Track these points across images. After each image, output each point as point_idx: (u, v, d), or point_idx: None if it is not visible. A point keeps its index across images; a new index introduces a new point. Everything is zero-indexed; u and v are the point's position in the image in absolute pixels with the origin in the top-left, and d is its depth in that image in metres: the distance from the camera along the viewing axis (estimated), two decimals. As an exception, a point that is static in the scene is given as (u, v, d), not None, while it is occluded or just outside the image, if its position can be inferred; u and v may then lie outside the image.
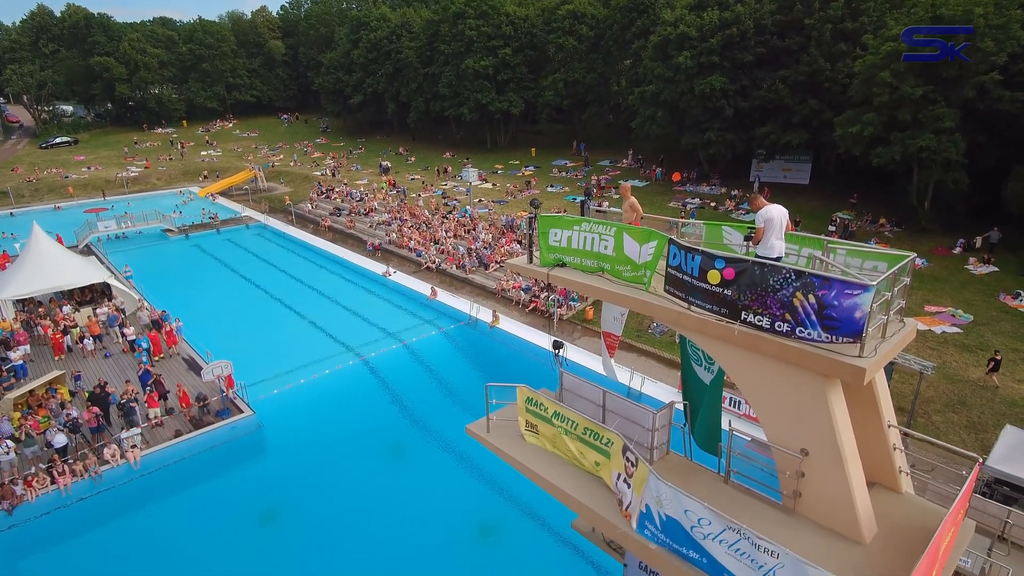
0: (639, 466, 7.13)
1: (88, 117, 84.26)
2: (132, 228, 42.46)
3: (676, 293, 7.95)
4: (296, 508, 18.62)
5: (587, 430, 8.10)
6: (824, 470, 6.96)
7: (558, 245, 9.70)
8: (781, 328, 6.80)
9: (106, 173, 61.33)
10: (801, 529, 7.23)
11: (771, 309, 6.85)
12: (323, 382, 24.03)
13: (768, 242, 7.48)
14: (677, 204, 44.28)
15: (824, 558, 6.57)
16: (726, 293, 7.18)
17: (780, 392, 7.15)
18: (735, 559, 6.16)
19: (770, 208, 7.50)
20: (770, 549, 5.86)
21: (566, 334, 27.01)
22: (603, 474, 7.99)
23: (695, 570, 6.66)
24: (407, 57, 67.29)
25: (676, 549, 6.77)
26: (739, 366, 7.49)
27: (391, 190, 51.91)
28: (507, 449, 8.98)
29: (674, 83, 44.05)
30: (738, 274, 7.06)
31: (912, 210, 36.08)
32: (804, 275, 6.52)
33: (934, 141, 30.68)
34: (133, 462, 18.23)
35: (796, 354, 6.75)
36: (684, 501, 6.52)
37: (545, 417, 8.72)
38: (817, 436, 6.92)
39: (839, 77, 38.57)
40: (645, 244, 8.41)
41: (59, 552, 16.51)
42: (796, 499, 7.30)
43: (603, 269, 9.16)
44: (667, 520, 6.74)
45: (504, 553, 17.26)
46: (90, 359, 24.62)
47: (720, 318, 7.32)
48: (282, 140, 79.10)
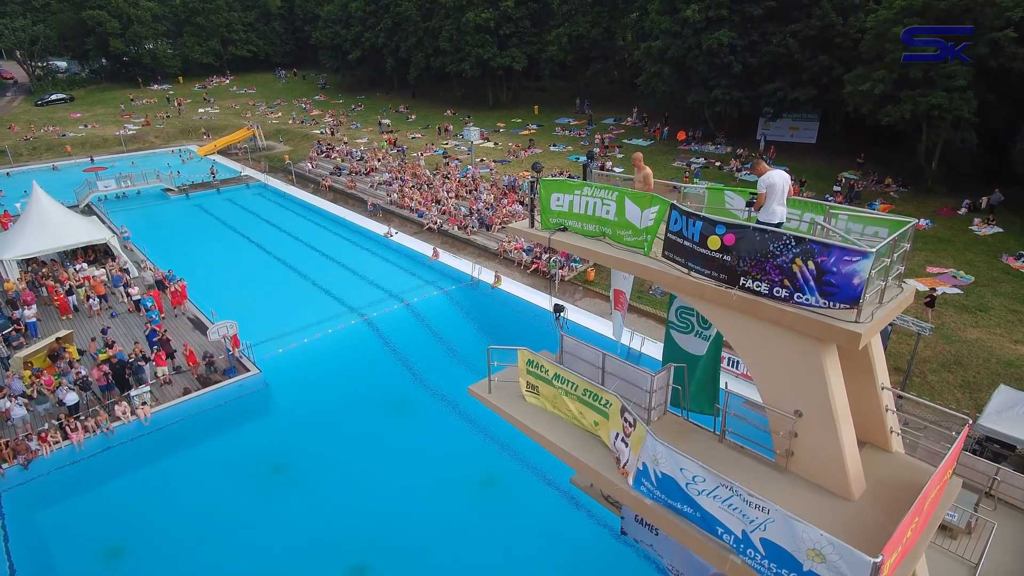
0: (636, 426, 7.33)
1: (83, 73, 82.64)
2: (132, 188, 42.19)
3: (676, 259, 8.01)
4: (304, 461, 19.20)
5: (586, 391, 8.29)
6: (817, 431, 7.16)
7: (560, 209, 9.72)
8: (779, 294, 6.89)
9: (103, 131, 60.57)
10: (792, 486, 7.48)
11: (770, 275, 6.92)
12: (327, 341, 24.34)
13: (770, 208, 7.50)
14: (682, 163, 43.77)
15: (813, 513, 6.84)
16: (725, 259, 7.25)
17: (776, 356, 7.29)
18: (728, 513, 6.42)
19: (772, 173, 7.49)
20: (760, 505, 6.10)
21: (568, 295, 27.16)
22: (601, 433, 8.22)
23: (688, 524, 6.94)
24: (406, 10, 65.37)
25: (671, 504, 7.04)
26: (736, 330, 7.62)
27: (392, 149, 51.32)
28: (508, 409, 9.21)
29: (681, 38, 42.91)
30: (738, 240, 7.11)
31: (919, 171, 35.70)
32: (804, 241, 6.58)
33: (946, 99, 30.12)
34: (144, 418, 18.66)
35: (792, 319, 6.86)
36: (679, 459, 6.74)
37: (546, 379, 8.91)
38: (811, 398, 7.09)
39: (851, 32, 37.57)
40: (647, 209, 8.43)
41: (74, 505, 17.11)
42: (788, 458, 7.54)
43: (604, 234, 9.20)
44: (663, 477, 6.99)
45: (505, 503, 17.83)
46: (96, 318, 24.89)
47: (719, 284, 7.41)
48: (280, 97, 77.71)
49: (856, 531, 6.77)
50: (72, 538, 16.26)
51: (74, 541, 16.20)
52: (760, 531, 6.16)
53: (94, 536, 16.36)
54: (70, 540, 16.21)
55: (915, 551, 6.84)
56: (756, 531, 6.19)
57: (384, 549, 16.21)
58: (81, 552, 15.97)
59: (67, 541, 16.18)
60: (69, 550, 15.99)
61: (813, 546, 5.75)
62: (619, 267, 9.17)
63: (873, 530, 6.84)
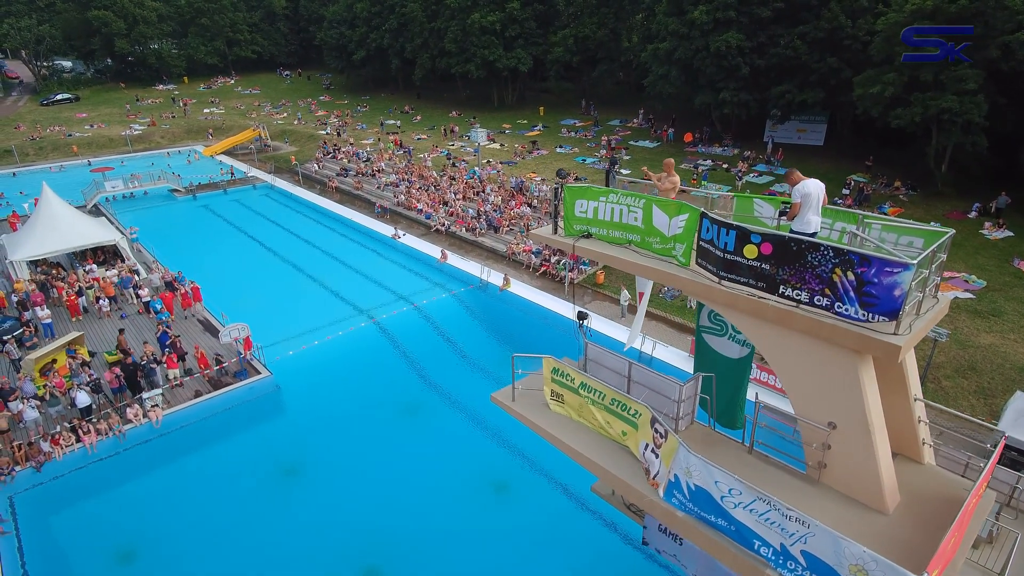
0: (668, 438, 7.26)
1: (88, 73, 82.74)
2: (139, 188, 42.20)
3: (707, 267, 7.94)
4: (316, 464, 19.15)
5: (614, 401, 8.22)
6: (851, 443, 7.08)
7: (584, 216, 9.65)
8: (820, 303, 6.81)
9: (109, 131, 60.58)
10: (824, 498, 7.40)
11: (809, 284, 6.86)
12: (337, 344, 24.30)
13: (804, 217, 7.43)
14: (689, 165, 43.65)
15: (847, 526, 6.76)
16: (763, 267, 7.18)
17: (811, 367, 7.21)
18: (765, 527, 6.34)
19: (807, 183, 7.42)
20: (801, 519, 6.02)
21: (577, 298, 27.09)
22: (630, 443, 8.14)
23: (722, 536, 6.86)
24: (412, 11, 65.36)
25: (704, 517, 6.96)
26: (770, 341, 7.54)
27: (397, 150, 51.27)
28: (533, 418, 9.14)
29: (689, 40, 42.82)
30: (776, 249, 7.04)
31: (928, 173, 35.56)
32: (844, 252, 6.50)
33: (956, 103, 29.98)
34: (155, 421, 18.62)
35: (830, 330, 6.79)
36: (714, 472, 6.67)
37: (572, 387, 8.83)
38: (846, 410, 7.01)
39: (860, 34, 37.40)
40: (675, 217, 8.36)
41: (87, 508, 17.06)
42: (820, 470, 7.46)
43: (630, 241, 9.13)
44: (696, 490, 6.91)
45: (518, 508, 17.71)
46: (106, 320, 24.86)
47: (755, 292, 7.33)
48: (285, 97, 77.74)
49: (892, 545, 6.69)
50: (85, 542, 16.21)
51: (87, 545, 16.15)
52: (801, 544, 6.09)
53: (107, 540, 16.31)
54: (83, 544, 16.16)
55: (952, 566, 6.76)
56: (796, 544, 6.12)
57: (397, 552, 16.15)
58: (94, 556, 15.92)
59: (80, 545, 16.13)
60: (82, 554, 15.94)
61: (856, 562, 5.68)
62: (647, 275, 9.10)
63: (909, 544, 6.76)
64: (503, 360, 24.17)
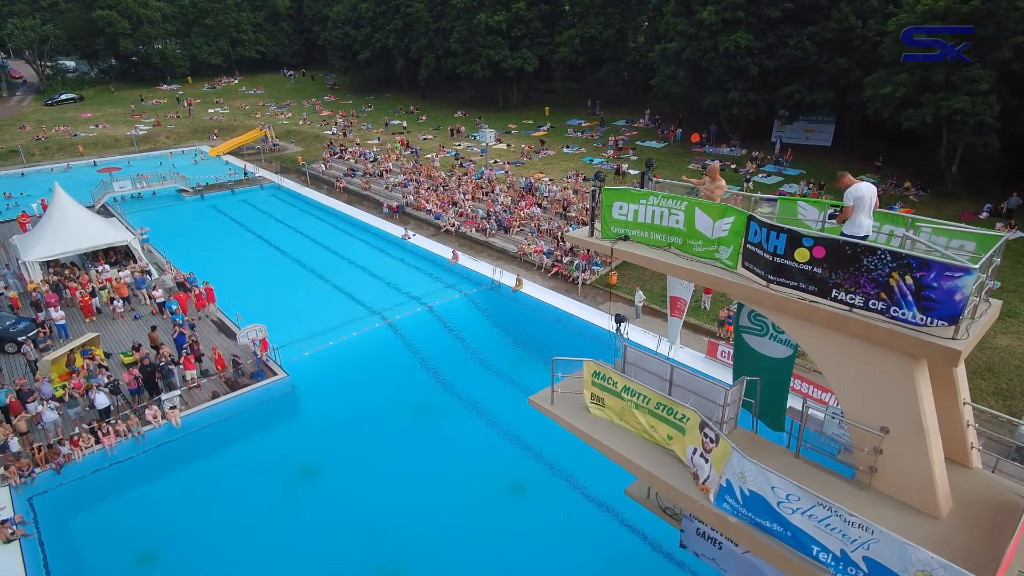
0: (720, 443, 7.22)
1: (91, 73, 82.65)
2: (147, 188, 42.13)
3: (754, 270, 7.90)
4: (333, 465, 19.07)
5: (660, 405, 8.18)
6: (905, 448, 7.04)
7: (623, 219, 9.60)
8: (876, 307, 6.77)
9: (115, 131, 60.51)
10: (875, 503, 7.36)
11: (864, 288, 6.81)
12: (351, 345, 24.25)
13: (856, 220, 7.39)
14: (697, 165, 43.61)
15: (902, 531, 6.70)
16: (815, 271, 7.14)
17: (864, 371, 7.17)
18: (825, 533, 6.30)
19: (860, 186, 7.38)
20: (864, 525, 5.98)
21: (591, 299, 27.05)
22: (676, 448, 8.10)
23: (778, 543, 6.81)
24: (417, 11, 65.33)
25: (758, 523, 6.92)
26: (820, 345, 7.50)
27: (404, 150, 51.22)
28: (573, 421, 9.10)
29: (697, 40, 42.77)
30: (829, 252, 6.99)
31: (938, 174, 35.53)
32: (902, 256, 6.46)
33: (969, 103, 29.95)
34: (175, 423, 18.57)
35: (885, 335, 6.74)
36: (771, 477, 6.63)
37: (614, 391, 8.79)
38: (900, 415, 6.98)
39: (870, 35, 37.35)
40: (720, 219, 8.31)
41: (107, 509, 17.02)
42: (872, 474, 7.42)
43: (671, 244, 9.08)
44: (750, 495, 6.87)
45: (535, 510, 17.63)
46: (120, 321, 24.81)
47: (806, 296, 7.29)
48: (289, 97, 77.66)
49: (949, 551, 6.63)
50: (105, 543, 16.16)
51: (107, 546, 16.09)
52: (863, 550, 6.05)
53: (127, 541, 16.25)
54: (103, 545, 16.10)
55: (1009, 572, 6.72)
56: (858, 550, 6.08)
57: (415, 553, 16.08)
58: (115, 558, 15.86)
59: (100, 546, 16.08)
60: (102, 555, 15.89)
61: (923, 568, 5.65)
62: (688, 278, 9.05)
63: (966, 550, 6.72)
64: (517, 361, 24.31)
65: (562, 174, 42.30)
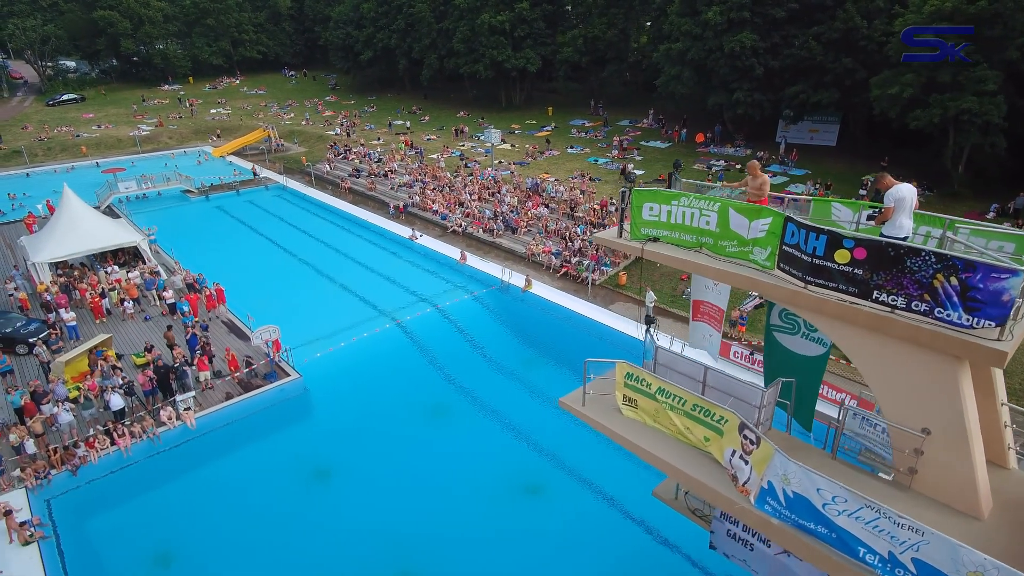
0: (761, 445, 7.22)
1: (92, 73, 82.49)
2: (152, 189, 42.07)
3: (791, 271, 7.90)
4: (347, 466, 19.06)
5: (696, 406, 8.17)
6: (947, 449, 7.05)
7: (653, 219, 9.59)
8: (918, 308, 6.77)
9: (117, 132, 60.41)
10: (914, 504, 7.36)
11: (907, 289, 6.81)
12: (362, 345, 24.24)
13: (897, 221, 7.40)
14: (702, 166, 43.66)
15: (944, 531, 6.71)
16: (856, 272, 7.14)
17: (905, 373, 7.17)
18: (873, 535, 6.30)
19: (900, 187, 7.39)
20: (914, 527, 5.99)
21: (600, 299, 27.06)
22: (712, 450, 8.10)
23: (822, 545, 6.81)
24: (420, 11, 65.30)
25: (802, 525, 6.92)
26: (860, 346, 7.50)
27: (409, 151, 51.19)
28: (606, 422, 9.09)
29: (702, 40, 42.79)
30: (870, 254, 7.00)
31: (944, 174, 35.59)
32: (947, 258, 6.46)
33: (976, 104, 30.02)
34: (190, 424, 18.54)
35: (929, 336, 6.74)
36: (816, 479, 6.63)
37: (647, 393, 8.79)
38: (943, 416, 6.98)
39: (875, 36, 37.40)
40: (756, 220, 8.31)
41: (123, 511, 16.98)
42: (911, 476, 7.42)
43: (704, 244, 9.08)
44: (794, 497, 6.87)
45: (552, 511, 17.60)
46: (130, 322, 24.76)
47: (845, 297, 7.29)
48: (291, 98, 77.59)
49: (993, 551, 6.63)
50: (122, 545, 16.12)
51: (124, 548, 16.06)
52: (912, 551, 6.06)
53: (144, 543, 16.22)
54: (121, 547, 16.07)
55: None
56: (907, 552, 6.09)
57: (431, 555, 16.05)
58: (132, 559, 15.83)
59: (118, 548, 16.04)
60: (120, 557, 15.85)
61: (976, 569, 5.65)
62: (721, 279, 9.06)
63: (1008, 550, 6.74)
64: (529, 362, 24.29)
65: (567, 174, 42.29)
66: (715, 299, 10.76)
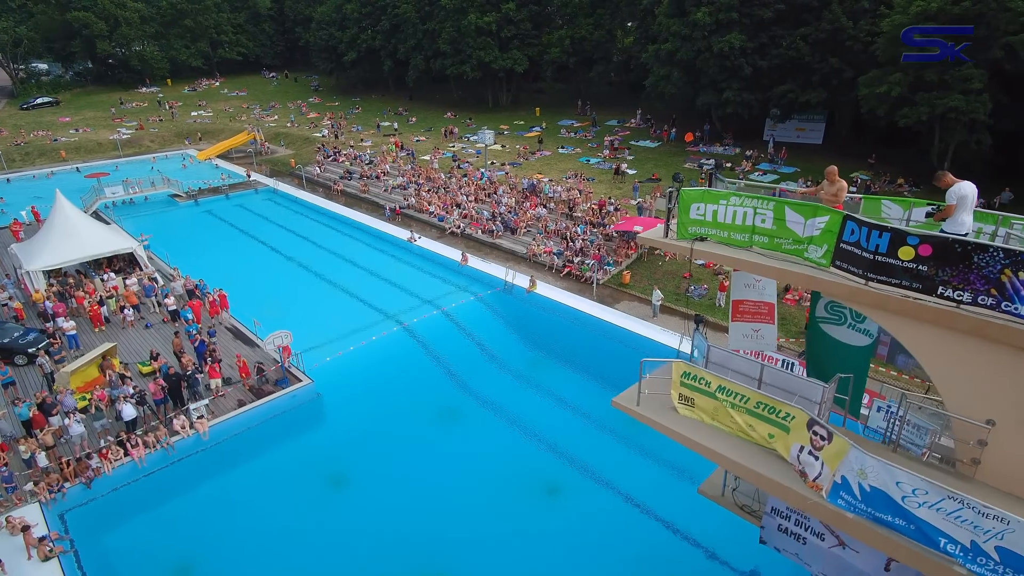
0: (834, 440, 7.35)
1: (67, 76, 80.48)
2: (139, 194, 41.20)
3: (850, 268, 8.06)
4: (363, 472, 18.88)
5: (760, 403, 8.28)
6: (1013, 439, 7.24)
7: (701, 219, 9.70)
8: (984, 302, 6.97)
9: (96, 136, 59.04)
10: (979, 493, 7.55)
11: (973, 285, 7.00)
12: (370, 349, 24.04)
13: (958, 218, 7.60)
14: (692, 165, 44.15)
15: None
16: (920, 269, 7.31)
17: (970, 365, 7.36)
18: (954, 525, 6.46)
19: (962, 185, 7.59)
20: (999, 516, 6.15)
21: (605, 299, 27.21)
22: (777, 446, 8.22)
23: (900, 536, 6.96)
24: (405, 12, 64.92)
25: (879, 518, 7.05)
26: (923, 340, 7.68)
27: (400, 152, 50.90)
28: (664, 421, 9.17)
29: (691, 41, 43.30)
30: (936, 250, 7.17)
31: (930, 171, 36.21)
32: (1016, 253, 6.65)
33: (963, 102, 30.87)
34: (203, 432, 18.23)
35: (998, 330, 6.93)
36: (896, 473, 6.77)
37: (706, 391, 8.88)
38: (1009, 407, 7.17)
39: (861, 36, 38.22)
40: (812, 218, 8.47)
41: (140, 522, 16.64)
42: (975, 466, 7.62)
43: (756, 243, 9.21)
44: (871, 491, 7.01)
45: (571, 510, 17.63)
46: (130, 330, 24.23)
47: (909, 293, 7.47)
48: (274, 99, 76.59)
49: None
50: (142, 557, 15.77)
51: (144, 560, 15.72)
52: (996, 540, 6.22)
53: (164, 554, 15.89)
54: (140, 559, 15.72)
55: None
56: (991, 540, 6.25)
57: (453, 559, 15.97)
58: (152, 571, 15.53)
59: (137, 560, 15.69)
60: (140, 570, 15.54)
61: (1063, 555, 5.82)
62: (775, 276, 9.21)
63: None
64: (538, 362, 24.32)
65: (560, 174, 42.46)
66: (758, 296, 10.92)
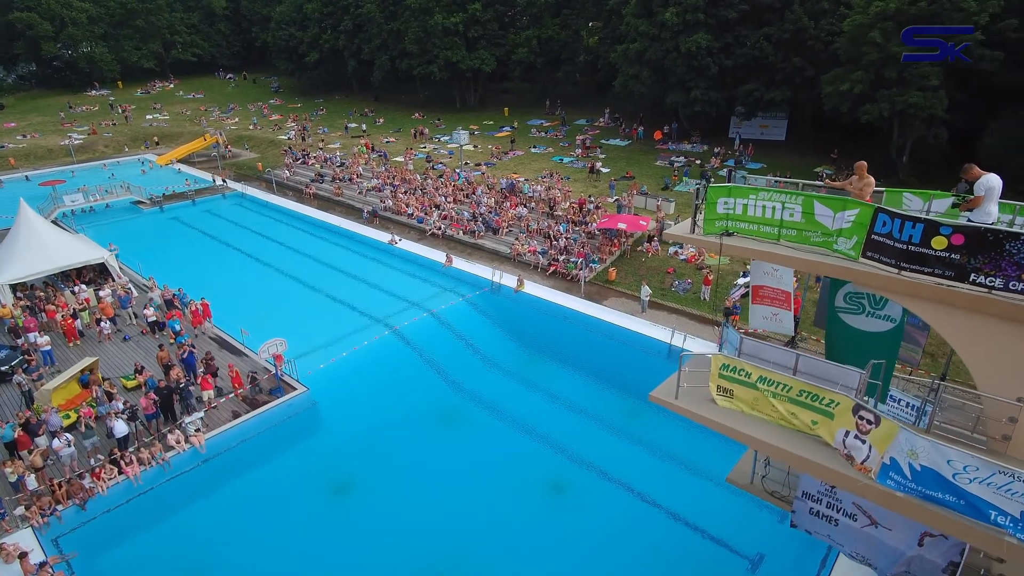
0: (882, 423, 7.67)
1: (9, 79, 76.56)
2: (100, 201, 39.52)
3: (882, 259, 8.42)
4: (365, 479, 18.61)
5: (803, 392, 8.57)
6: (1043, 414, 7.71)
7: (728, 213, 9.97)
8: (1016, 287, 7.40)
9: (46, 141, 56.41)
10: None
11: (1005, 271, 7.42)
12: (362, 355, 23.70)
13: (986, 209, 8.03)
14: (663, 162, 45.00)
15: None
16: (953, 257, 7.71)
17: (1001, 347, 7.79)
18: (1005, 498, 6.84)
19: (990, 177, 8.03)
20: (1050, 488, 6.54)
21: (593, 295, 27.50)
22: (821, 432, 8.51)
23: (951, 512, 7.32)
24: (368, 12, 64.12)
25: (929, 495, 7.40)
26: (956, 325, 8.09)
27: (372, 154, 50.25)
28: (705, 413, 9.40)
29: (659, 41, 44.10)
30: (968, 239, 7.57)
31: (890, 165, 38.09)
32: (1049, 240, 7.09)
33: (921, 98, 32.37)
34: (199, 446, 17.66)
35: (1030, 313, 7.37)
36: (946, 451, 7.13)
37: (746, 382, 9.13)
38: (1040, 385, 7.63)
39: (822, 35, 39.64)
40: (842, 211, 8.82)
41: (140, 542, 16.01)
42: (1006, 442, 8.06)
43: (784, 236, 9.52)
44: (922, 470, 7.35)
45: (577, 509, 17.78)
46: (107, 343, 23.25)
47: (943, 281, 7.86)
48: (233, 101, 74.53)
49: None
50: (145, 577, 15.24)
51: (147, 581, 15.19)
52: (1045, 510, 6.60)
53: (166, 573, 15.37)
54: (143, 580, 15.19)
55: None
56: (1040, 511, 6.63)
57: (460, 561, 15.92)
58: (156, 593, 15.01)
59: (140, 582, 15.15)
60: (143, 592, 15.00)
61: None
62: (804, 268, 9.54)
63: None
64: (531, 361, 24.42)
65: (535, 174, 42.65)
66: (776, 283, 11.29)
